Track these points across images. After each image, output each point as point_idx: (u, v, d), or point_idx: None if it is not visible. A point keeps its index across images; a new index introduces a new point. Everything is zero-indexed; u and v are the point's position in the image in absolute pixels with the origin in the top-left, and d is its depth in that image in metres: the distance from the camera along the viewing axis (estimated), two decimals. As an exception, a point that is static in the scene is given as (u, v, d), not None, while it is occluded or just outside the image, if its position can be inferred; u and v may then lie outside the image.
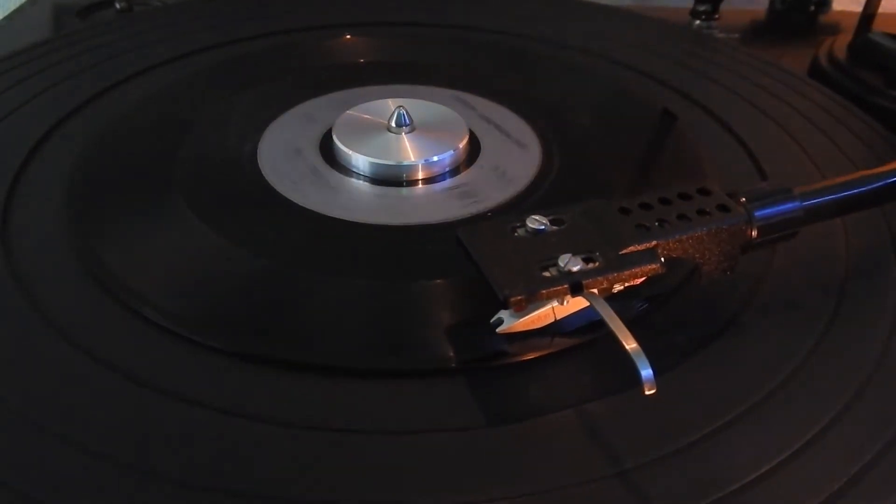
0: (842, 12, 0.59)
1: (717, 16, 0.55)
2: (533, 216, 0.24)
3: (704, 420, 0.22)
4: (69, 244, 0.28)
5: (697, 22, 0.55)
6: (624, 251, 0.23)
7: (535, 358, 0.24)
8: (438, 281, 0.27)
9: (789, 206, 0.25)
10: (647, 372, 0.20)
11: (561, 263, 0.22)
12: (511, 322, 0.24)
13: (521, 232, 0.24)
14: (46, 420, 0.22)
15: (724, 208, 0.25)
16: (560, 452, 0.21)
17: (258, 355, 0.24)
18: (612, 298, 0.23)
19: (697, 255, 0.24)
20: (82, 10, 0.51)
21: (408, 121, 0.34)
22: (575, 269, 0.22)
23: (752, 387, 0.23)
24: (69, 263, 0.27)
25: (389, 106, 0.35)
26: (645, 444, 0.21)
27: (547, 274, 0.22)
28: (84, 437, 0.21)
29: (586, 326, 0.25)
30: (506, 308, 0.22)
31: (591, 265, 0.23)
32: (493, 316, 0.24)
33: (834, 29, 0.55)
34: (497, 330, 0.24)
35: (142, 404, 0.22)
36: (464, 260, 0.23)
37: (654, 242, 0.23)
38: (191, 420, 0.22)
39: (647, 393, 0.20)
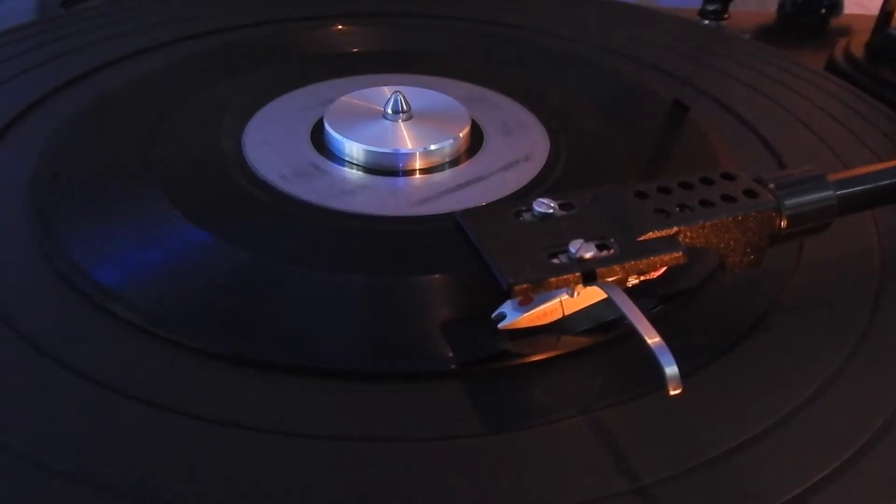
0: (853, 15, 0.57)
1: (726, 16, 0.53)
2: (540, 199, 0.22)
3: (729, 433, 0.20)
4: (35, 239, 0.26)
5: (706, 22, 0.53)
6: (642, 237, 0.21)
7: (542, 360, 0.22)
8: (436, 276, 0.25)
9: (822, 194, 0.23)
10: (671, 369, 0.18)
11: (572, 249, 0.20)
12: (515, 317, 0.22)
13: (526, 216, 0.22)
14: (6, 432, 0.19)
15: (751, 194, 0.22)
16: (569, 466, 0.19)
17: (244, 358, 0.22)
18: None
19: (721, 245, 0.22)
20: (67, 0, 0.49)
21: (405, 107, 0.32)
22: (588, 255, 0.20)
23: (781, 396, 0.21)
24: (34, 260, 0.25)
25: (385, 93, 0.33)
26: (664, 458, 0.19)
27: (556, 261, 0.20)
28: (60, 452, 0.19)
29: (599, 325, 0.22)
30: (510, 298, 0.20)
31: (605, 252, 0.20)
32: (494, 311, 0.22)
33: (844, 32, 0.54)
34: (499, 326, 0.22)
35: (122, 412, 0.20)
36: (464, 248, 0.21)
37: (674, 229, 0.21)
38: (175, 427, 0.20)
39: (671, 393, 0.18)
